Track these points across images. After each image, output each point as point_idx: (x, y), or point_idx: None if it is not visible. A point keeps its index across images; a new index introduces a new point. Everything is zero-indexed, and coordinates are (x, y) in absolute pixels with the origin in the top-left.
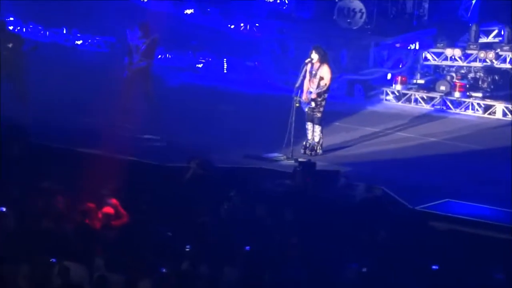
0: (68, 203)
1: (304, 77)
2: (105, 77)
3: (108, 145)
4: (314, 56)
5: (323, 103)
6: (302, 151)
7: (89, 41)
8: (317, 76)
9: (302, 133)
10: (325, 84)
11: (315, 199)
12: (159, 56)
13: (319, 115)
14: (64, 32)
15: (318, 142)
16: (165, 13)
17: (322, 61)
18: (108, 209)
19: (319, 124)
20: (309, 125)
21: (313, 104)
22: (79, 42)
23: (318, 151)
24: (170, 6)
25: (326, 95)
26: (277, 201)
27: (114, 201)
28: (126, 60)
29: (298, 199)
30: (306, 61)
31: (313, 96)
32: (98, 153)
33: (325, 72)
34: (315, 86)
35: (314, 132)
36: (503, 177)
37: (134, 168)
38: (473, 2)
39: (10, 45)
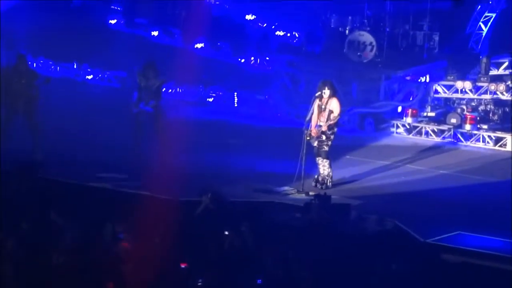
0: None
1: (314, 111)
2: (117, 112)
3: (118, 179)
4: (324, 90)
5: (332, 136)
6: (313, 184)
7: (100, 75)
8: (326, 110)
9: (313, 166)
10: (335, 117)
11: (327, 233)
12: (170, 90)
13: (326, 148)
14: (75, 66)
15: (327, 175)
16: (176, 48)
17: (331, 95)
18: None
19: (327, 158)
20: (319, 160)
21: (323, 137)
22: (89, 77)
23: (328, 184)
24: (180, 41)
25: (335, 129)
26: (289, 235)
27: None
28: (134, 98)
29: (310, 233)
30: (316, 94)
31: (323, 128)
32: (106, 187)
33: (334, 106)
34: (325, 120)
35: (323, 166)
36: None
37: (144, 202)
38: (484, 34)
39: (25, 79)
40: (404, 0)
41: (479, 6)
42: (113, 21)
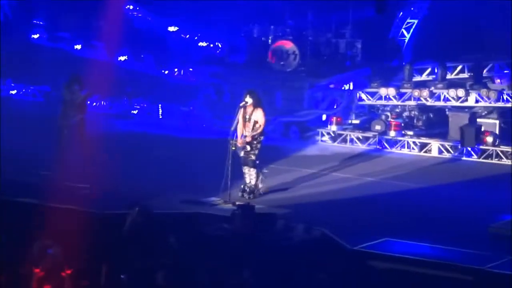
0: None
1: (239, 121)
2: (41, 126)
3: (44, 194)
4: (248, 100)
5: (259, 145)
6: (240, 194)
7: (24, 90)
8: (251, 120)
9: (240, 176)
10: (260, 127)
11: (254, 243)
12: (94, 103)
13: (253, 157)
14: None
15: (255, 185)
16: (99, 61)
17: (255, 105)
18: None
19: (254, 167)
20: (245, 169)
21: (248, 147)
22: (13, 92)
23: (255, 193)
24: (104, 54)
25: (261, 138)
26: (216, 246)
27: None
28: (59, 113)
29: (237, 243)
30: (241, 105)
31: (248, 139)
32: (34, 202)
33: (259, 116)
34: (250, 130)
35: (250, 175)
36: (441, 214)
37: (71, 217)
38: (406, 41)
39: None
40: (326, 8)
41: (401, 13)
42: (35, 36)
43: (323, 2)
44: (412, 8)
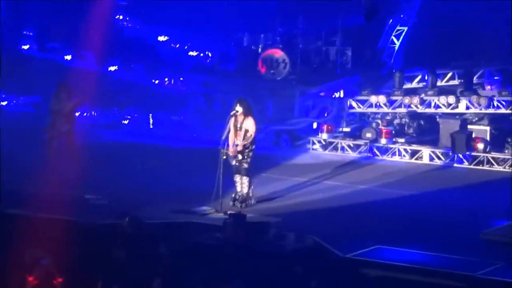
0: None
1: (230, 130)
2: (31, 137)
3: (35, 205)
4: (239, 108)
5: (250, 154)
6: (231, 203)
7: (14, 101)
8: (242, 129)
9: (231, 185)
10: (251, 135)
11: (246, 252)
12: (85, 114)
13: (246, 166)
14: None
15: (247, 194)
16: (90, 71)
17: (246, 113)
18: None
19: (247, 175)
20: (237, 177)
21: (239, 156)
22: (4, 103)
23: (247, 202)
24: (94, 64)
25: (253, 147)
26: (208, 255)
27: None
28: (47, 123)
29: (229, 253)
30: (231, 113)
31: (239, 148)
32: (25, 213)
33: (250, 124)
34: (241, 139)
35: (242, 184)
36: (432, 221)
37: (62, 226)
38: (396, 48)
39: None
40: (316, 16)
41: (391, 20)
42: (25, 47)
43: (313, 10)
44: (401, 16)
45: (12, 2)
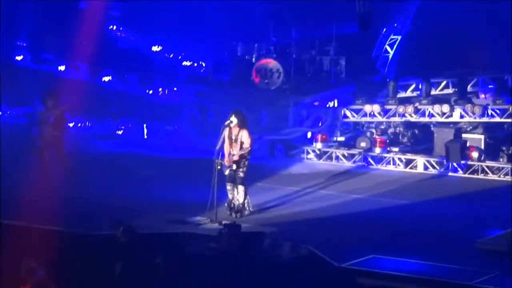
0: None
1: (224, 140)
2: (25, 148)
3: (28, 214)
4: (233, 119)
5: (246, 163)
6: (228, 212)
7: (8, 112)
8: (237, 141)
9: (225, 195)
10: (247, 148)
11: (241, 262)
12: (79, 124)
13: (241, 174)
14: None
15: (242, 204)
16: (83, 81)
17: (240, 125)
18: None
19: (242, 184)
20: (229, 186)
21: (234, 166)
22: None
23: (243, 212)
24: (87, 74)
25: (249, 156)
26: (203, 266)
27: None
28: (35, 131)
29: (224, 263)
30: (226, 123)
31: (236, 158)
32: (18, 224)
33: (245, 137)
34: (238, 149)
35: (238, 193)
36: (428, 230)
37: (55, 237)
38: (390, 57)
39: None
40: (310, 26)
41: (385, 29)
42: (19, 57)
43: (307, 19)
44: (395, 25)
45: (5, 13)
